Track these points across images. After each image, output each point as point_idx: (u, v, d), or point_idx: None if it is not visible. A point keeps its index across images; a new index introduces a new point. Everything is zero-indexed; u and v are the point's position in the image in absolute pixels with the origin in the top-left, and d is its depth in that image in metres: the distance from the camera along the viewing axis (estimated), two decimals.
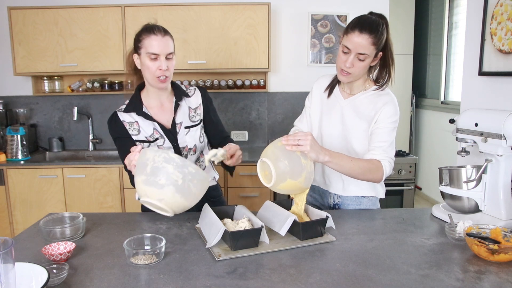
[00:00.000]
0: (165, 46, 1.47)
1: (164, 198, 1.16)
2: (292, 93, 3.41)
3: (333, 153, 1.37)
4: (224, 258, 1.15)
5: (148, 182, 1.16)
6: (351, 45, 1.43)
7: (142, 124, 1.57)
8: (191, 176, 1.17)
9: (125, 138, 1.56)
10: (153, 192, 1.16)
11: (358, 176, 1.45)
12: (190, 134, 1.61)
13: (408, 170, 3.05)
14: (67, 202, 2.89)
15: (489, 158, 1.39)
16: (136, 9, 2.96)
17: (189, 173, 1.17)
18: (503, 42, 1.71)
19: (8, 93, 3.33)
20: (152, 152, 1.19)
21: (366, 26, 1.41)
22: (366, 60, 1.44)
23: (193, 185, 1.18)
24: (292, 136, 1.28)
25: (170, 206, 1.18)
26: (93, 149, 3.38)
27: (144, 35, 1.48)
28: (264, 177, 1.33)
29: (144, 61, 1.48)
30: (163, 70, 1.47)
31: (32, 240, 1.31)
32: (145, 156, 1.20)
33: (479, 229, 1.24)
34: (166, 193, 1.15)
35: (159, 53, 1.46)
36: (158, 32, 1.47)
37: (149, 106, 1.59)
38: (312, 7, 3.30)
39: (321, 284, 1.01)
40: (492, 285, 1.01)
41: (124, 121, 1.56)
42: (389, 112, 1.49)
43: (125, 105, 1.59)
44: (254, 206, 2.70)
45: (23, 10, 2.94)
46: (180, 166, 1.16)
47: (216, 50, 3.02)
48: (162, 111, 1.60)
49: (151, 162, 1.16)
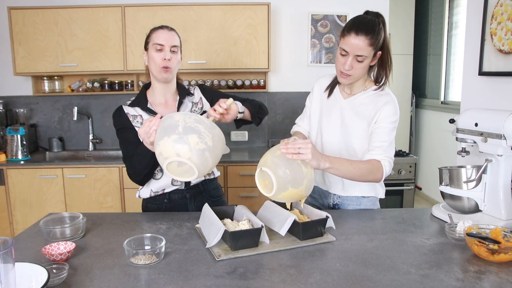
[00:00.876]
0: (170, 38, 1.55)
1: (195, 156, 1.20)
2: (292, 93, 3.41)
3: (333, 159, 1.37)
4: (224, 258, 1.15)
5: (181, 141, 1.19)
6: (348, 48, 1.42)
7: (146, 118, 1.59)
8: (217, 137, 1.25)
9: (128, 129, 1.59)
10: (186, 150, 1.19)
11: (359, 179, 1.45)
12: None
13: (408, 170, 3.05)
14: (67, 202, 2.89)
15: (489, 158, 1.39)
16: (136, 9, 2.96)
17: (216, 135, 1.24)
18: (503, 42, 1.71)
19: (8, 93, 3.33)
20: (180, 115, 1.25)
21: (362, 28, 1.40)
22: (364, 61, 1.44)
23: (219, 147, 1.26)
24: (291, 144, 1.27)
25: (198, 164, 1.21)
26: (93, 149, 3.38)
27: (152, 32, 1.58)
28: (264, 187, 1.31)
29: (151, 54, 1.55)
30: (166, 60, 1.53)
31: (32, 240, 1.31)
32: (172, 118, 1.24)
33: (479, 229, 1.24)
34: (198, 152, 1.20)
35: (164, 44, 1.53)
36: (165, 27, 1.58)
37: (154, 103, 1.63)
38: (312, 7, 3.30)
39: (321, 284, 1.01)
40: (492, 285, 1.01)
41: (128, 113, 1.61)
42: (389, 112, 1.49)
43: (130, 101, 1.64)
44: (254, 206, 2.70)
45: (23, 10, 2.94)
46: (209, 127, 1.23)
47: (216, 50, 3.02)
48: (166, 108, 1.64)
49: (182, 123, 1.21)
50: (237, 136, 3.43)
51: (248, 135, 3.45)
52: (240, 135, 3.43)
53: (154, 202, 1.66)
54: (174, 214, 1.55)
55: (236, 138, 3.43)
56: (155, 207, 1.66)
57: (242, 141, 3.44)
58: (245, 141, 3.45)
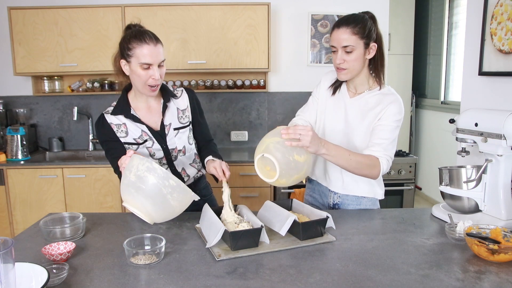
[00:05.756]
0: (157, 55, 1.44)
1: (141, 207, 1.19)
2: (292, 93, 3.41)
3: (331, 146, 1.38)
4: (224, 258, 1.15)
5: (128, 189, 1.19)
6: (335, 42, 1.48)
7: (130, 127, 1.55)
8: (171, 189, 1.18)
9: (113, 141, 1.54)
10: (132, 199, 1.19)
11: (355, 171, 1.45)
12: (179, 135, 1.61)
13: (408, 170, 3.05)
14: (67, 202, 2.89)
15: (489, 158, 1.39)
16: (136, 9, 2.96)
17: (169, 186, 1.18)
18: (503, 42, 1.71)
19: (8, 93, 3.33)
20: (137, 160, 1.20)
21: (343, 21, 1.48)
22: (354, 52, 1.46)
23: (172, 198, 1.19)
24: (292, 129, 1.27)
25: (147, 215, 1.20)
26: (93, 149, 3.38)
27: (134, 43, 1.42)
28: (264, 173, 1.32)
29: (136, 70, 1.44)
30: (156, 80, 1.45)
31: (32, 240, 1.31)
32: (131, 162, 1.22)
33: (479, 229, 1.24)
34: (144, 202, 1.18)
35: (152, 63, 1.43)
36: (150, 40, 1.43)
37: (137, 108, 1.57)
38: (312, 7, 3.30)
39: (321, 284, 1.01)
40: (492, 285, 1.01)
41: (112, 123, 1.54)
42: (394, 110, 1.49)
43: (112, 107, 1.57)
44: (254, 206, 2.70)
45: (23, 10, 2.94)
46: (161, 177, 1.17)
47: (216, 50, 3.02)
48: (150, 113, 1.58)
49: (135, 170, 1.19)
50: (237, 136, 3.43)
51: (248, 135, 3.45)
52: (240, 135, 3.43)
53: None
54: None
55: (236, 138, 3.43)
56: None
57: (242, 141, 3.44)
58: (245, 141, 3.45)
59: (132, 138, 1.55)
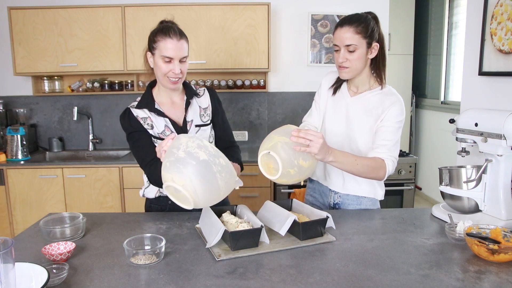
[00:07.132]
0: (179, 50, 1.47)
1: (188, 184, 1.11)
2: (292, 93, 3.40)
3: (337, 153, 1.38)
4: (224, 258, 1.15)
5: (175, 166, 1.12)
6: (337, 41, 1.49)
7: (155, 120, 1.56)
8: (221, 167, 1.13)
9: (140, 132, 1.54)
10: (180, 177, 1.11)
11: (362, 175, 1.46)
12: (200, 133, 1.62)
13: (408, 170, 3.05)
14: (67, 202, 2.89)
15: (489, 158, 1.39)
16: (136, 9, 2.96)
17: (219, 164, 1.13)
18: (503, 42, 1.71)
19: (8, 93, 3.33)
20: (186, 138, 1.16)
21: (346, 20, 1.48)
22: (356, 51, 1.47)
23: (220, 177, 1.13)
24: (304, 133, 1.27)
25: (193, 193, 1.12)
26: (93, 149, 3.38)
27: (159, 37, 1.47)
28: (266, 168, 1.32)
29: (158, 62, 1.49)
30: (176, 74, 1.48)
31: (32, 240, 1.31)
32: (178, 140, 1.17)
33: (479, 229, 1.24)
34: (192, 180, 1.11)
35: (173, 57, 1.47)
36: (174, 35, 1.47)
37: (161, 102, 1.59)
38: (312, 7, 3.30)
39: (321, 284, 1.01)
40: (492, 285, 1.01)
41: (138, 116, 1.56)
42: (396, 111, 1.50)
43: (136, 102, 1.59)
44: (254, 206, 2.70)
45: (23, 10, 2.94)
46: (212, 155, 1.13)
47: (216, 50, 3.02)
48: (173, 108, 1.60)
49: (184, 147, 1.13)
50: (237, 136, 3.43)
51: (248, 135, 3.45)
52: (240, 135, 3.43)
53: (158, 203, 1.64)
54: (174, 214, 1.55)
55: (236, 138, 3.39)
56: (158, 208, 1.65)
57: (242, 141, 3.44)
58: (245, 141, 3.45)
59: (156, 133, 1.56)
